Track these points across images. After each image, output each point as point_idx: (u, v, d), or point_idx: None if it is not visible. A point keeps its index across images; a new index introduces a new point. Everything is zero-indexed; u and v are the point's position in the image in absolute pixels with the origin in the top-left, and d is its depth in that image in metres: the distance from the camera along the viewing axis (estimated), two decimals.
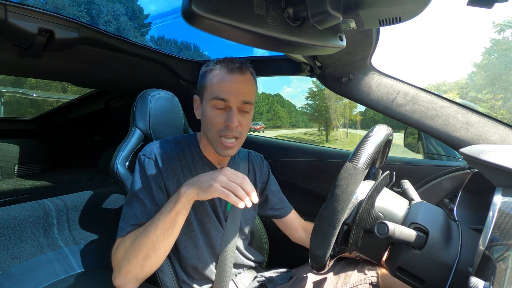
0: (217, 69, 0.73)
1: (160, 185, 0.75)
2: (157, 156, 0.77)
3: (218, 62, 0.74)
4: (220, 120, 0.72)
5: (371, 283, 0.79)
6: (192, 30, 15.46)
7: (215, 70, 0.73)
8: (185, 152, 0.81)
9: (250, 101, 0.73)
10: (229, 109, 0.72)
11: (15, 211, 1.27)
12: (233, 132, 0.72)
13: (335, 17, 0.38)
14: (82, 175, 2.14)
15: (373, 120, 44.27)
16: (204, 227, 0.82)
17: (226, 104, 0.71)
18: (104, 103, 2.05)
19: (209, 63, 0.76)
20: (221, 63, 0.73)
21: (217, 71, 0.72)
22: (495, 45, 27.65)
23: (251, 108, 0.76)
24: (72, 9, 23.23)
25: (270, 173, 1.01)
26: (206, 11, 0.32)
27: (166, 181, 0.76)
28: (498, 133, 0.75)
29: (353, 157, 0.52)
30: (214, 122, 0.73)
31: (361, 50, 0.79)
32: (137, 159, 0.78)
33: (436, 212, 0.58)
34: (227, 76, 0.71)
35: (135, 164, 0.79)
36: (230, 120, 0.71)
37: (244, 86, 0.72)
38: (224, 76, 0.71)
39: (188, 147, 0.83)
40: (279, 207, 0.98)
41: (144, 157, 0.77)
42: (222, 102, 0.71)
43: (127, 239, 0.69)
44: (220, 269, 0.82)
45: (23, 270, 1.17)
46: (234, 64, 0.72)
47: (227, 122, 0.71)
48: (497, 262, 0.43)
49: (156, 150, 0.78)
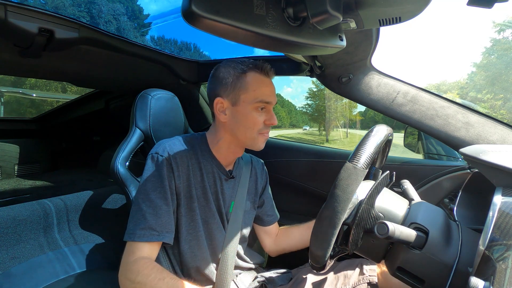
0: (255, 72, 0.77)
1: (172, 184, 0.75)
2: (170, 154, 0.76)
3: (252, 65, 0.77)
4: (261, 120, 0.78)
5: (371, 283, 0.79)
6: (192, 30, 15.37)
7: (253, 74, 0.76)
8: (196, 151, 0.81)
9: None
10: (268, 109, 0.79)
11: (15, 211, 1.26)
12: (269, 128, 0.80)
13: (335, 17, 0.38)
14: (82, 175, 2.14)
15: (373, 120, 44.27)
16: (208, 227, 0.82)
17: (269, 105, 0.78)
18: (104, 103, 2.05)
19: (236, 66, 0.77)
20: (257, 67, 0.77)
21: (257, 75, 0.77)
22: (495, 45, 27.65)
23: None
24: (72, 9, 23.23)
25: (268, 179, 1.03)
26: (206, 11, 0.32)
27: (177, 180, 0.76)
28: (498, 133, 0.75)
29: (353, 157, 0.52)
30: (257, 122, 0.77)
31: (361, 50, 0.79)
32: (149, 157, 0.78)
33: (436, 212, 0.58)
34: (266, 79, 0.78)
35: (146, 162, 0.78)
36: (274, 120, 0.79)
37: (274, 88, 0.81)
38: (265, 79, 0.77)
39: (198, 146, 0.83)
40: (270, 213, 1.00)
41: (157, 155, 0.76)
42: (265, 104, 0.77)
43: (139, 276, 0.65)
44: (221, 270, 0.82)
45: (23, 270, 1.17)
46: (267, 67, 0.78)
47: (271, 121, 0.78)
48: (497, 262, 0.43)
49: (169, 148, 0.78)
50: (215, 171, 0.83)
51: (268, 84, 0.78)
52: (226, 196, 0.85)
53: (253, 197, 0.95)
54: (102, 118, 2.28)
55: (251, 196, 0.94)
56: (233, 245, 0.85)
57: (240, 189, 0.89)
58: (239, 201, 0.88)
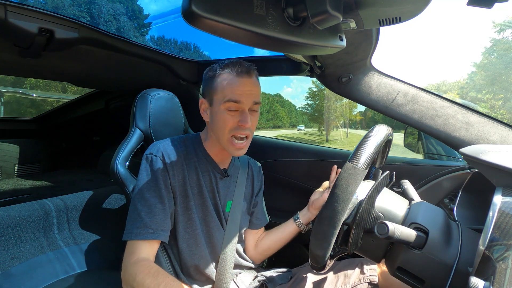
0: (226, 73, 0.76)
1: (167, 183, 0.77)
2: (164, 155, 0.78)
3: (225, 66, 0.76)
4: (233, 121, 0.76)
5: (371, 282, 0.79)
6: (192, 30, 15.51)
7: (224, 74, 0.76)
8: (190, 151, 0.83)
9: (259, 101, 0.78)
10: (241, 110, 0.75)
11: (15, 211, 1.27)
12: (245, 130, 0.76)
13: (335, 17, 0.38)
14: (82, 175, 2.14)
15: (373, 120, 44.20)
16: (206, 226, 0.83)
17: (239, 105, 0.75)
18: (104, 103, 2.05)
19: (214, 67, 0.79)
20: (229, 67, 0.76)
21: (226, 75, 0.75)
22: (495, 45, 27.63)
23: (258, 108, 0.80)
24: (72, 9, 23.25)
25: (263, 183, 1.03)
26: (206, 11, 0.32)
27: (172, 179, 0.77)
28: (498, 133, 0.75)
29: (353, 157, 0.52)
30: (227, 123, 0.76)
31: (361, 50, 0.79)
32: (144, 158, 0.79)
33: (436, 212, 0.58)
34: (237, 79, 0.75)
35: (141, 163, 0.79)
36: (245, 121, 0.74)
37: (253, 88, 0.76)
38: (234, 79, 0.75)
39: (192, 146, 0.84)
40: (260, 217, 1.00)
41: (151, 156, 0.78)
42: (235, 104, 0.74)
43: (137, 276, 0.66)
44: (220, 269, 0.82)
45: (23, 270, 1.17)
46: (242, 67, 0.75)
47: (241, 123, 0.75)
48: (497, 262, 0.43)
49: (163, 148, 0.79)
50: (209, 169, 0.84)
51: (241, 84, 0.75)
52: (222, 195, 0.86)
53: (249, 198, 0.96)
54: (102, 118, 2.28)
55: (248, 197, 0.95)
56: (232, 244, 0.85)
57: (238, 189, 0.90)
58: (237, 201, 0.89)
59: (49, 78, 1.46)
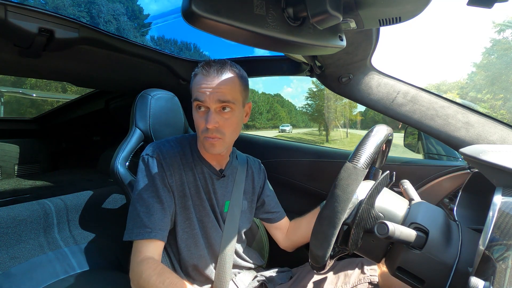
0: (198, 72, 0.76)
1: (165, 182, 0.77)
2: (160, 155, 0.78)
3: (201, 66, 0.76)
4: (202, 121, 0.74)
5: (371, 282, 0.79)
6: (192, 30, 15.29)
7: (197, 74, 0.76)
8: (186, 151, 0.83)
9: (229, 100, 0.73)
10: (207, 110, 0.74)
11: (15, 211, 1.27)
12: (213, 133, 0.73)
13: (335, 17, 0.38)
14: (82, 175, 2.14)
15: (373, 120, 44.17)
16: (204, 226, 0.83)
17: (204, 105, 0.73)
18: (104, 103, 2.05)
19: (197, 67, 0.78)
20: (202, 67, 0.75)
21: (198, 75, 0.75)
22: (495, 45, 27.62)
23: (233, 108, 0.74)
24: (72, 9, 23.23)
25: (266, 178, 1.02)
26: (206, 11, 0.32)
27: (169, 179, 0.78)
28: (498, 133, 0.75)
29: (353, 157, 0.52)
30: (198, 124, 0.76)
31: (361, 50, 0.79)
32: (141, 159, 0.80)
33: (436, 212, 0.58)
34: (204, 78, 0.73)
35: (139, 164, 0.80)
36: (207, 121, 0.72)
37: (221, 86, 0.72)
38: (201, 78, 0.74)
39: (188, 146, 0.84)
40: (275, 211, 0.99)
41: (147, 157, 0.78)
42: (200, 103, 0.73)
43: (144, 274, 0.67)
44: (219, 269, 0.83)
45: (23, 270, 1.17)
46: (210, 65, 0.74)
47: (206, 124, 0.73)
48: (497, 262, 0.43)
49: (159, 149, 0.79)
50: (205, 170, 0.84)
51: (205, 82, 0.72)
52: (219, 195, 0.86)
53: (250, 196, 0.95)
54: (102, 118, 2.28)
55: (248, 195, 0.94)
56: (231, 244, 0.85)
57: (236, 189, 0.89)
58: (235, 200, 0.88)
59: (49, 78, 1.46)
